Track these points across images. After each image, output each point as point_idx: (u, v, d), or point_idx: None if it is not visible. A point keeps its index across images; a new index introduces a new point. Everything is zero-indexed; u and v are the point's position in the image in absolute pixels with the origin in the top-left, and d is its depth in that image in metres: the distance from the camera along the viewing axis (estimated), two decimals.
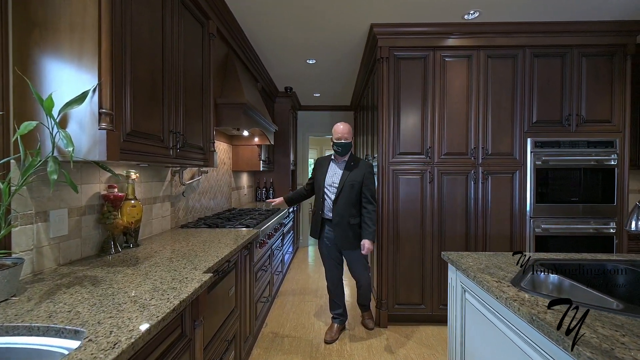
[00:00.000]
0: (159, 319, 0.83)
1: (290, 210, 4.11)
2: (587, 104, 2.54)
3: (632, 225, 1.11)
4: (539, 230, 2.55)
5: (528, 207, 2.56)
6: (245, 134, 3.19)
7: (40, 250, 1.21)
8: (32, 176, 1.05)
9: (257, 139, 3.57)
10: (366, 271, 2.47)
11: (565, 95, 2.55)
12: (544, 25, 2.48)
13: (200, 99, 2.00)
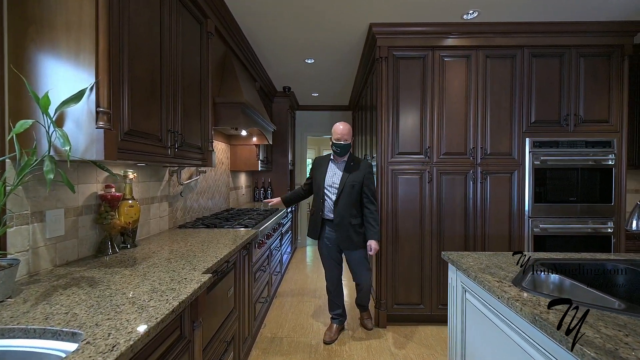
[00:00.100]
0: (158, 321, 0.82)
1: (289, 210, 4.10)
2: (585, 104, 2.55)
3: (633, 225, 1.11)
4: (537, 230, 2.55)
5: (526, 207, 2.57)
6: (244, 133, 3.18)
7: (36, 251, 1.19)
8: (28, 176, 1.04)
9: (255, 139, 3.56)
10: (368, 272, 2.44)
11: (564, 96, 2.56)
12: (542, 25, 2.49)
13: (199, 98, 1.98)
